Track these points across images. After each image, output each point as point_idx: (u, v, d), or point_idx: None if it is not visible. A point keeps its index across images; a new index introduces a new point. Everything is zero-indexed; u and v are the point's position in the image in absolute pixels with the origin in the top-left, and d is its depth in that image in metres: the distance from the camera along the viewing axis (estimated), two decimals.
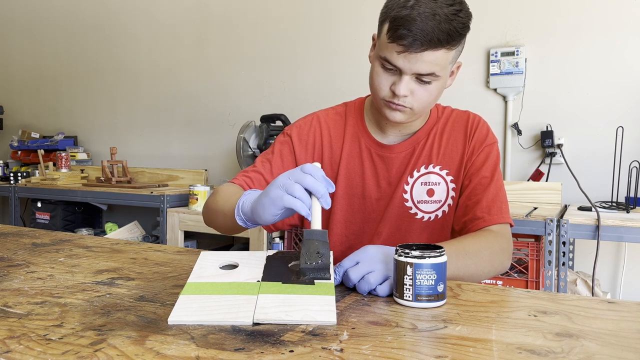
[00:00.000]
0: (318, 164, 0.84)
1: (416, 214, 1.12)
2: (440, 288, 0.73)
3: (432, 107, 1.10)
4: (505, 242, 1.04)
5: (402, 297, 0.74)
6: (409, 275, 0.73)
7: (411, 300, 0.73)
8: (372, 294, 0.79)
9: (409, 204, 1.12)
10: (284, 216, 0.84)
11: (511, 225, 1.10)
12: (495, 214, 1.06)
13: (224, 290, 0.73)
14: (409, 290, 0.73)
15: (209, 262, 0.84)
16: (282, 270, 0.80)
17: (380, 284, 0.78)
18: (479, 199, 1.07)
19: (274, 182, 0.82)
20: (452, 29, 0.94)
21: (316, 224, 0.80)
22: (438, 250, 0.74)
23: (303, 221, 1.20)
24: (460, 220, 1.10)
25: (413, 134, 1.13)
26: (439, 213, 1.12)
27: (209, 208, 1.10)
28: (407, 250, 0.74)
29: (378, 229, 1.14)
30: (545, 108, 2.53)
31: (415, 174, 1.12)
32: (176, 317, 0.66)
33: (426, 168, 1.12)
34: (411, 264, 0.73)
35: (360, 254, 0.82)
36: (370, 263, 0.80)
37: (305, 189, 0.79)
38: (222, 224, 1.05)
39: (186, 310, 0.68)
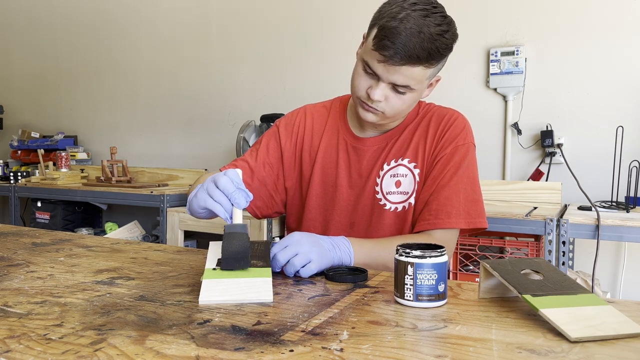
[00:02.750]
0: (240, 171, 0.94)
1: (385, 204, 1.16)
2: (441, 288, 0.73)
3: (405, 113, 1.13)
4: None
5: (402, 297, 0.74)
6: (409, 275, 0.73)
7: (412, 300, 0.73)
8: (297, 275, 0.88)
9: (379, 195, 1.16)
10: (210, 214, 0.96)
11: (482, 228, 1.12)
12: (442, 218, 1.09)
13: (240, 274, 0.81)
14: (410, 290, 0.73)
15: (219, 250, 0.91)
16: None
17: (304, 267, 0.87)
18: (431, 200, 1.11)
19: (203, 184, 0.92)
20: (433, 49, 0.97)
21: (236, 220, 0.89)
22: (439, 250, 0.74)
23: (286, 209, 1.27)
24: (415, 216, 1.14)
25: (389, 130, 1.18)
26: (406, 205, 1.15)
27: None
28: (407, 250, 0.74)
29: (351, 219, 1.18)
30: (545, 108, 2.53)
31: (386, 167, 1.16)
32: (206, 297, 0.74)
33: (396, 161, 1.16)
34: (412, 264, 0.73)
35: (287, 239, 0.91)
36: (296, 247, 0.88)
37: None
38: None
39: (213, 292, 0.75)
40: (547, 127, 2.49)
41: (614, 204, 2.16)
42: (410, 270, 0.73)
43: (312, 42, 3.11)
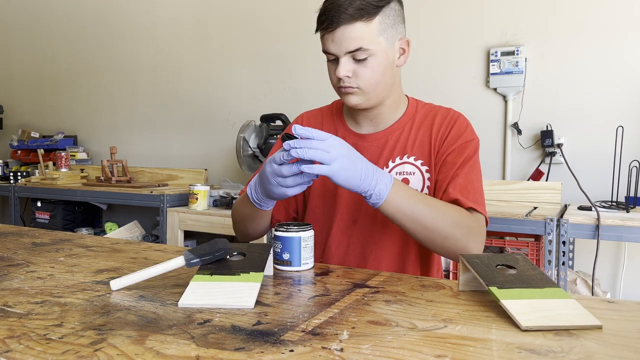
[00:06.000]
0: None
1: None
2: (285, 256, 0.94)
3: (384, 85, 1.11)
4: (475, 225, 1.05)
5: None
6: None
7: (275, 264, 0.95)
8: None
9: None
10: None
11: (486, 222, 1.10)
12: (472, 201, 1.07)
13: (230, 278, 0.79)
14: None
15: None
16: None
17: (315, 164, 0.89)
18: (448, 188, 1.09)
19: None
20: (364, 4, 1.03)
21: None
22: (285, 227, 0.95)
23: (304, 214, 1.26)
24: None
25: (388, 127, 1.18)
26: None
27: (236, 222, 1.24)
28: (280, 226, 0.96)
29: (353, 215, 1.18)
30: (545, 107, 2.53)
31: (391, 164, 1.16)
32: (185, 301, 0.73)
33: (401, 159, 1.16)
34: (274, 235, 0.95)
35: (328, 136, 0.91)
36: (328, 146, 0.89)
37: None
38: (250, 227, 1.19)
39: (194, 295, 0.74)
40: (547, 127, 2.49)
41: (614, 204, 2.17)
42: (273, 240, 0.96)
43: (312, 42, 3.10)
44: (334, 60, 1.09)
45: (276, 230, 0.97)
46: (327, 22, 1.04)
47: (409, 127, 1.18)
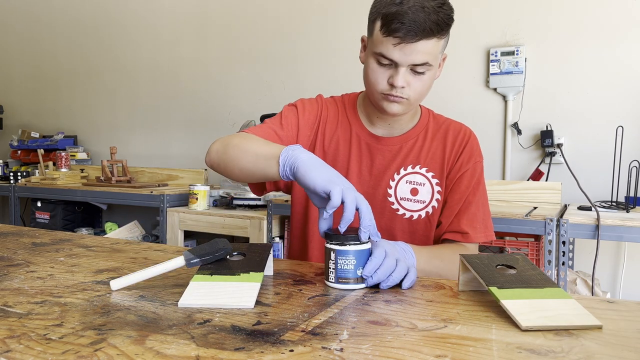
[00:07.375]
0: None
1: (398, 210, 1.16)
2: (359, 272, 0.81)
3: (424, 96, 1.13)
4: None
5: (327, 279, 0.83)
6: (332, 260, 0.82)
7: (334, 282, 0.82)
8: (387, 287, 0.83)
9: (392, 199, 1.16)
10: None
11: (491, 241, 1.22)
12: (470, 235, 1.15)
13: (230, 278, 0.79)
14: (332, 273, 0.82)
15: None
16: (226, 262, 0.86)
17: (403, 279, 0.83)
18: (460, 214, 1.15)
19: (323, 167, 0.89)
20: (440, 19, 1.00)
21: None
22: (354, 240, 0.81)
23: (292, 196, 1.24)
24: (442, 229, 1.17)
25: (403, 134, 1.19)
26: (423, 213, 1.17)
27: (235, 145, 1.05)
28: (332, 238, 0.82)
29: (357, 215, 1.16)
30: (545, 107, 2.53)
31: (402, 172, 1.17)
32: (185, 301, 0.72)
33: (413, 168, 1.17)
34: (334, 250, 0.82)
35: (382, 250, 0.83)
36: (392, 257, 0.83)
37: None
38: (249, 164, 1.00)
39: (195, 295, 0.74)
40: (547, 127, 2.49)
41: (613, 204, 2.16)
42: (332, 255, 0.82)
43: (312, 41, 3.11)
44: (387, 65, 1.04)
45: (343, 244, 0.82)
46: (405, 30, 0.98)
47: (422, 137, 1.19)
